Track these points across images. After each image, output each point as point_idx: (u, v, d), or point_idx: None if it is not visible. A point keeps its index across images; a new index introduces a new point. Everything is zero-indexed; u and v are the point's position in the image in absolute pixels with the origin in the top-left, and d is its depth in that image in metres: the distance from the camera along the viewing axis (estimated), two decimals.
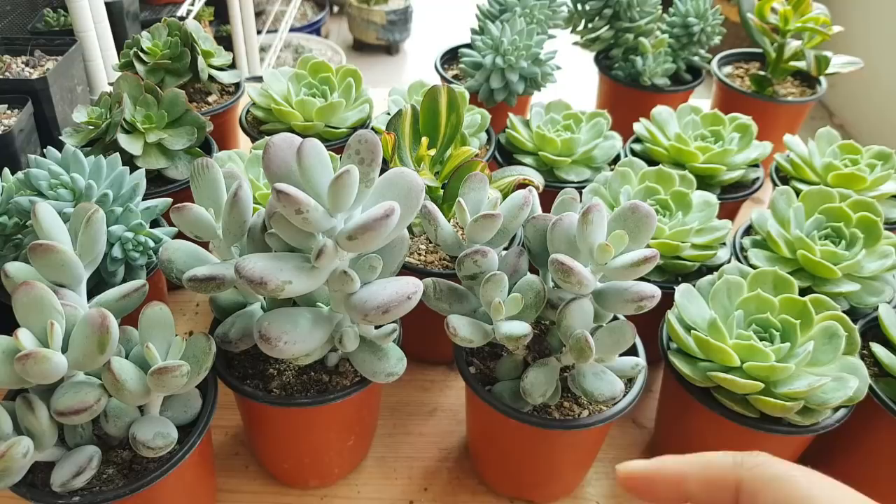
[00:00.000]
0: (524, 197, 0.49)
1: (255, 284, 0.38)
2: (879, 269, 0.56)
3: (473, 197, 0.50)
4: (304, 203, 0.37)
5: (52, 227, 0.44)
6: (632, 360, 0.49)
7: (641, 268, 0.43)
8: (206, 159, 0.45)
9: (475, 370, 0.52)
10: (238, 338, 0.47)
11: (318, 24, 2.82)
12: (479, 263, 0.47)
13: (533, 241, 0.50)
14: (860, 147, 0.70)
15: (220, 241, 0.45)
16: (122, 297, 0.46)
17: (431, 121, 0.58)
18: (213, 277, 0.43)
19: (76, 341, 0.39)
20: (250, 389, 0.48)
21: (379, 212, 0.37)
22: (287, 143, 0.41)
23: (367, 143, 0.39)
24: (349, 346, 0.46)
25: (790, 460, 0.56)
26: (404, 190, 0.41)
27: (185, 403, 0.46)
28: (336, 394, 0.48)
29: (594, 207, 0.44)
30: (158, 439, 0.42)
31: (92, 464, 0.42)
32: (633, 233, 0.45)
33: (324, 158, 0.39)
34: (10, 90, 0.80)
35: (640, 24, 0.92)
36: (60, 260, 0.42)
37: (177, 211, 0.44)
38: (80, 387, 0.40)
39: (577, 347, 0.44)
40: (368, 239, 0.38)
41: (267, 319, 0.42)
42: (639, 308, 0.44)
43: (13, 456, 0.38)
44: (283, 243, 0.42)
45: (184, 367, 0.40)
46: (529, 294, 0.47)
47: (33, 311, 0.39)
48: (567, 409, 0.49)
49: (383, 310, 0.40)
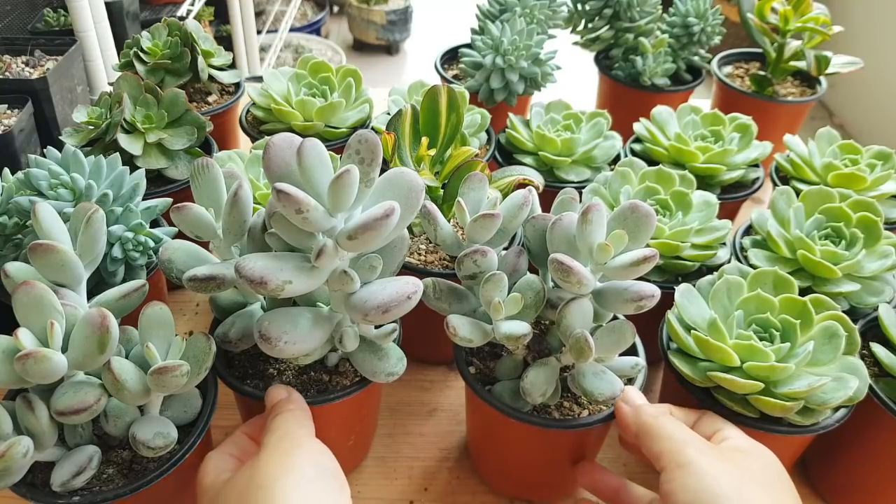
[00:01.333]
0: (524, 196, 0.49)
1: (255, 284, 0.38)
2: (879, 269, 0.56)
3: (473, 197, 0.50)
4: (304, 203, 0.37)
5: (52, 227, 0.44)
6: (631, 359, 0.49)
7: (641, 267, 0.43)
8: (205, 159, 0.45)
9: (475, 370, 0.52)
10: (238, 338, 0.47)
11: (318, 24, 2.82)
12: (478, 263, 0.47)
13: (532, 240, 0.50)
14: (860, 147, 0.70)
15: (220, 240, 0.45)
16: (122, 297, 0.46)
17: (431, 121, 0.58)
18: (213, 277, 0.43)
19: (76, 341, 0.39)
20: (250, 389, 0.48)
21: (379, 212, 0.37)
22: (287, 143, 0.41)
23: (367, 143, 0.39)
24: (349, 345, 0.46)
25: (790, 460, 0.56)
26: (404, 190, 0.41)
27: (185, 403, 0.46)
28: (336, 393, 0.48)
29: (594, 207, 0.44)
30: (158, 439, 0.42)
31: (92, 464, 0.42)
32: (632, 232, 0.45)
33: (324, 158, 0.39)
34: (10, 90, 0.80)
35: (640, 24, 0.92)
36: (60, 260, 0.42)
37: (177, 211, 0.44)
38: (80, 386, 0.40)
39: (576, 347, 0.44)
40: (368, 239, 0.38)
41: (267, 319, 0.42)
42: (638, 308, 0.44)
43: (13, 455, 0.38)
44: (284, 243, 0.42)
45: (184, 367, 0.40)
46: (529, 294, 0.47)
47: (33, 310, 0.39)
48: (567, 409, 0.49)
49: (383, 309, 0.40)
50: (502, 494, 0.57)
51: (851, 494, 0.55)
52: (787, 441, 0.50)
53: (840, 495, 0.56)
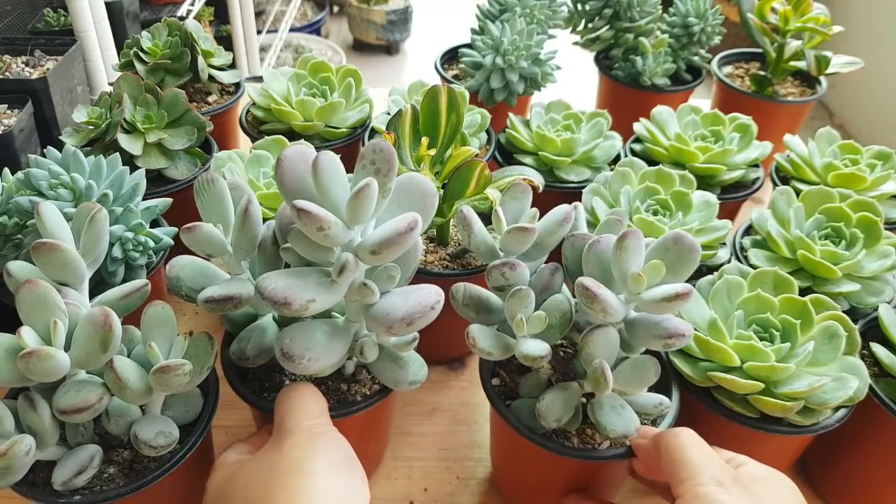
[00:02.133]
0: (566, 212, 0.47)
1: (279, 305, 0.37)
2: (879, 269, 0.56)
3: (514, 207, 0.48)
4: (325, 220, 0.36)
5: (55, 226, 0.44)
6: (657, 397, 0.46)
7: (673, 303, 0.41)
8: (210, 174, 0.44)
9: (500, 381, 0.51)
10: (255, 354, 0.46)
11: (318, 24, 2.82)
12: (506, 276, 0.46)
13: (570, 259, 0.48)
14: (860, 147, 0.70)
15: (231, 256, 0.45)
16: (124, 297, 0.46)
17: (431, 121, 0.58)
18: (230, 297, 0.43)
19: (79, 340, 0.39)
20: (271, 405, 0.46)
21: (403, 225, 0.37)
22: (300, 156, 0.40)
23: (382, 153, 0.38)
24: (370, 356, 0.45)
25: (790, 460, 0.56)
26: (418, 196, 0.40)
27: (187, 403, 0.46)
28: (359, 405, 0.47)
29: (631, 234, 0.41)
30: (160, 438, 0.42)
31: (93, 463, 0.42)
32: (673, 265, 0.42)
33: (339, 172, 0.38)
34: (10, 90, 0.80)
35: (640, 24, 0.92)
36: (63, 259, 0.42)
37: (187, 231, 0.43)
38: (83, 385, 0.40)
39: (593, 377, 0.42)
40: (392, 253, 0.37)
41: (288, 337, 0.41)
42: (666, 346, 0.42)
43: (15, 454, 0.38)
44: (300, 258, 0.42)
45: (186, 366, 0.40)
46: (556, 314, 0.45)
47: (36, 309, 0.39)
48: (589, 437, 0.47)
49: (407, 321, 0.39)
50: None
51: (852, 495, 0.55)
52: (788, 441, 0.50)
53: (840, 495, 0.56)
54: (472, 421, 0.63)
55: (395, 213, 0.39)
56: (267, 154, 0.64)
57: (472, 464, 0.59)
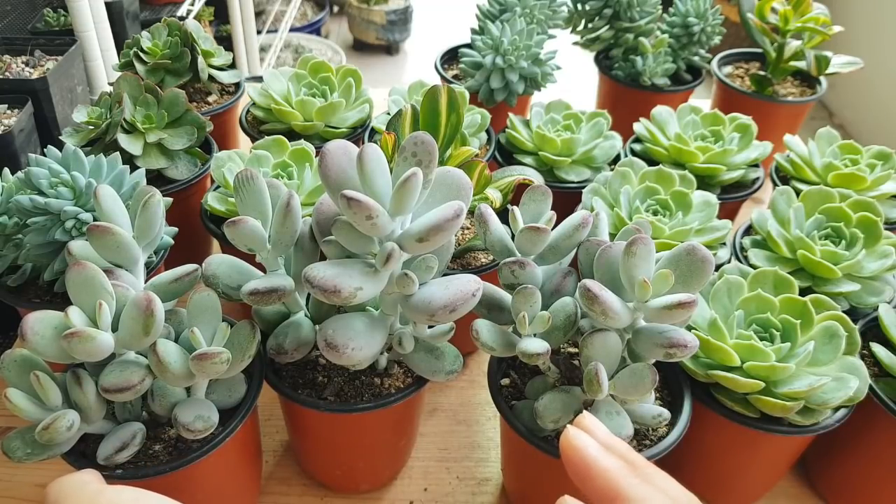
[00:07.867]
0: (582, 217, 0.47)
1: (328, 293, 0.38)
2: (879, 269, 0.56)
3: (532, 208, 0.49)
4: (374, 209, 0.37)
5: (112, 210, 0.45)
6: (655, 409, 0.46)
7: (674, 313, 0.40)
8: (249, 170, 0.45)
9: (509, 382, 0.51)
10: (294, 348, 0.47)
11: (318, 24, 2.82)
12: (516, 274, 0.46)
13: (584, 264, 0.48)
14: (860, 147, 0.70)
15: (269, 252, 0.45)
16: (173, 281, 0.46)
17: (431, 121, 0.58)
18: (274, 290, 0.43)
19: (124, 322, 0.40)
20: (310, 399, 0.48)
21: (449, 212, 0.38)
22: (342, 150, 0.41)
23: (423, 145, 0.39)
24: (408, 347, 0.46)
25: (790, 460, 0.56)
26: (455, 188, 0.41)
27: (230, 388, 0.47)
28: (395, 396, 0.48)
29: (640, 240, 0.41)
30: (199, 422, 0.43)
31: (135, 440, 0.43)
32: (683, 275, 0.42)
33: (383, 164, 0.39)
34: (10, 90, 0.80)
35: (640, 24, 0.92)
36: (116, 242, 0.43)
37: (232, 225, 0.43)
38: (127, 365, 0.41)
39: (587, 379, 0.43)
40: (438, 240, 0.38)
41: (331, 328, 0.42)
42: (668, 356, 0.42)
43: (57, 429, 0.39)
44: (341, 250, 0.43)
45: (223, 355, 0.41)
46: (560, 315, 0.46)
47: (84, 290, 0.40)
48: None
49: (450, 309, 0.40)
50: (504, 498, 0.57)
51: (851, 494, 0.55)
52: (787, 441, 0.50)
53: (840, 495, 0.56)
54: (473, 421, 0.63)
55: (430, 206, 0.40)
56: (267, 154, 0.64)
57: (472, 464, 0.59)
